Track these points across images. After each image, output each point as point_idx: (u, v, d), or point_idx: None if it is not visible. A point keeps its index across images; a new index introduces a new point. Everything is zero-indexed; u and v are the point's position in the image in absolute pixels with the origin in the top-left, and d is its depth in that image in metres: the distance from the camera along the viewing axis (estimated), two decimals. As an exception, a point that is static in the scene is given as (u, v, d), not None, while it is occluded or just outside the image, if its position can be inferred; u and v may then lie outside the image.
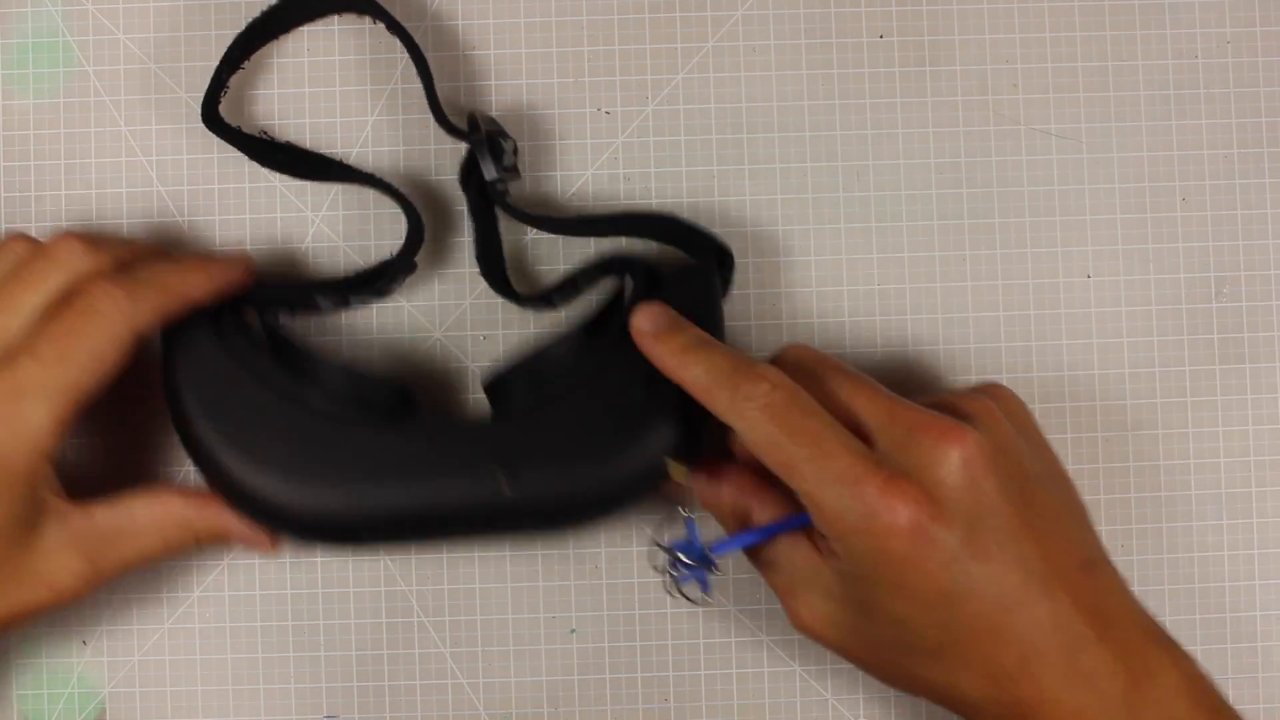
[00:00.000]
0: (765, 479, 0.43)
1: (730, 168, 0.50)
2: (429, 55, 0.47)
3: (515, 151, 0.47)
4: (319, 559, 0.49)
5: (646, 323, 0.43)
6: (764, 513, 0.44)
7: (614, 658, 0.50)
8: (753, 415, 0.40)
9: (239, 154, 0.49)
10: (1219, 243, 0.50)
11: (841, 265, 0.50)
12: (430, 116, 0.47)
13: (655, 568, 0.44)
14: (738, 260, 0.49)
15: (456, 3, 0.50)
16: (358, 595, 0.50)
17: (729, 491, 0.44)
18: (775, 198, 0.50)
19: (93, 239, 0.43)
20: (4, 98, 0.50)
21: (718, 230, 0.49)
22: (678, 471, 0.44)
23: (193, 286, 0.44)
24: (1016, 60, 0.50)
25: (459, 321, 0.50)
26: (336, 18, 0.50)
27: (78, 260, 0.42)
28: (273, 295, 0.47)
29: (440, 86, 0.48)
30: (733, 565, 0.50)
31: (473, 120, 0.47)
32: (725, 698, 0.49)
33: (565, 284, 0.48)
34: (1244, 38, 0.51)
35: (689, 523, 0.44)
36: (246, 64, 0.49)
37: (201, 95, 0.47)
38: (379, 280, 0.47)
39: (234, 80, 0.48)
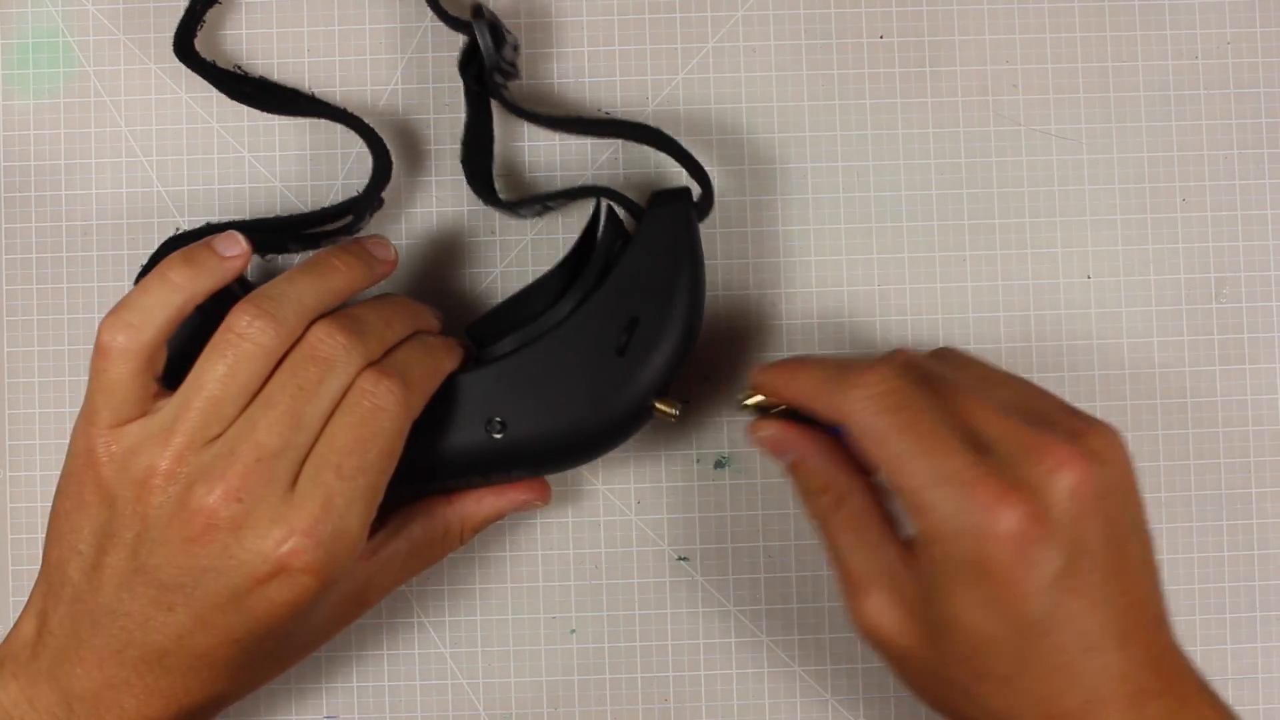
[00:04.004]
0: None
1: (730, 168, 0.50)
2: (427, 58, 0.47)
3: (516, 49, 0.48)
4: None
5: (759, 375, 0.43)
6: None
7: (614, 658, 0.50)
8: (863, 406, 0.39)
9: (240, 153, 0.49)
10: (1219, 243, 0.50)
11: (841, 265, 0.50)
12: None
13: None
14: (738, 260, 0.49)
15: (465, 9, 0.50)
16: (358, 595, 0.49)
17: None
18: (775, 197, 0.50)
19: (351, 327, 0.42)
20: (4, 98, 0.50)
21: (717, 230, 0.50)
22: (665, 413, 0.45)
23: (448, 367, 0.44)
24: (1016, 60, 0.50)
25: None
26: None
27: (351, 359, 0.41)
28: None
29: (440, 86, 0.48)
30: (733, 566, 0.50)
31: (476, 8, 0.47)
32: (725, 698, 0.49)
33: (536, 199, 0.48)
34: (1244, 38, 0.51)
35: None
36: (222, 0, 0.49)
37: (202, 96, 0.47)
38: (346, 216, 0.48)
39: (255, 50, 0.48)
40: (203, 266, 0.42)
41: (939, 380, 0.40)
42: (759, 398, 0.43)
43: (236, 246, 0.42)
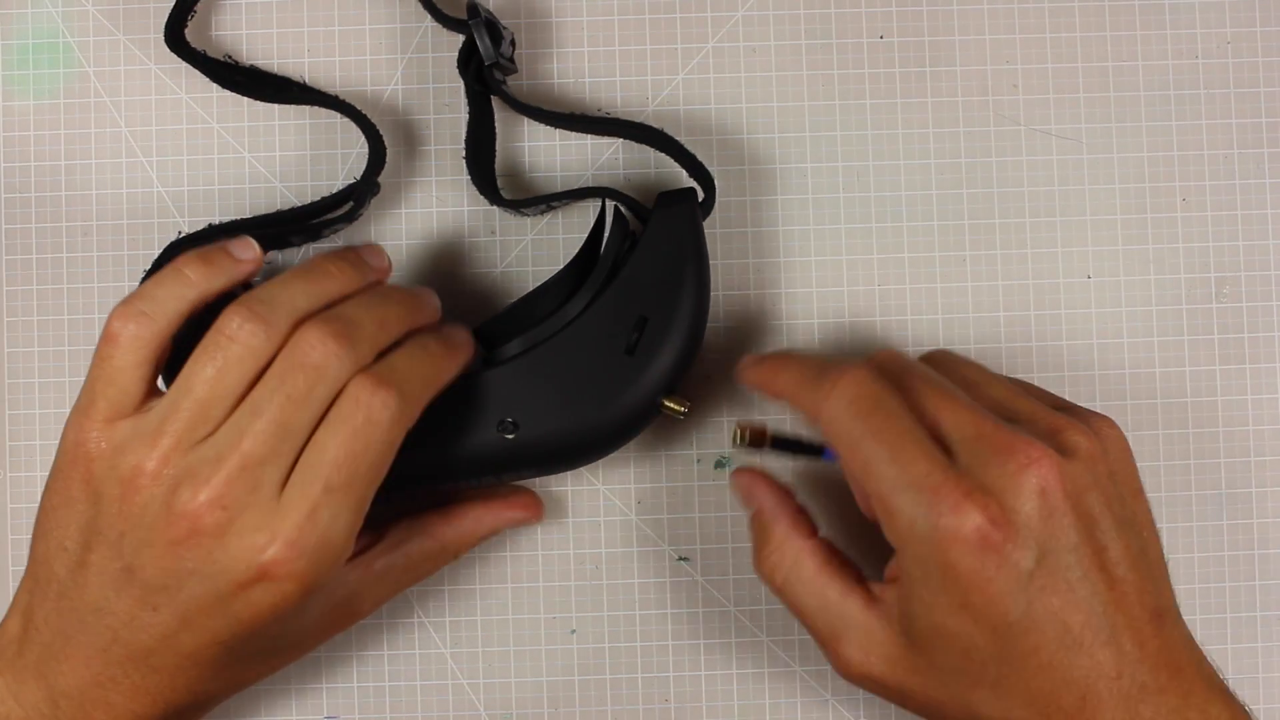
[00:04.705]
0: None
1: (730, 168, 0.50)
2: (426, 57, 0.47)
3: (513, 43, 0.48)
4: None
5: (747, 370, 0.45)
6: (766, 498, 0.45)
7: (614, 658, 0.50)
8: (836, 409, 0.40)
9: (240, 154, 0.49)
10: (1219, 243, 0.50)
11: (841, 265, 0.50)
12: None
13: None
14: (738, 260, 0.49)
15: (460, 7, 0.50)
16: (358, 595, 0.49)
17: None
18: (775, 198, 0.50)
19: (342, 331, 0.40)
20: (4, 98, 0.50)
21: (717, 230, 0.50)
22: (673, 410, 0.45)
23: (448, 372, 0.43)
24: (1016, 60, 0.50)
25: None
26: None
27: (342, 366, 0.40)
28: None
29: (440, 86, 0.48)
30: (733, 566, 0.50)
31: (472, 7, 0.47)
32: (725, 698, 0.49)
33: (540, 199, 0.48)
34: (1244, 38, 0.51)
35: None
36: None
37: (202, 96, 0.47)
38: (345, 204, 0.48)
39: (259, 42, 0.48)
40: (217, 266, 0.42)
41: (920, 382, 0.41)
42: (749, 436, 0.45)
43: (250, 251, 0.42)
